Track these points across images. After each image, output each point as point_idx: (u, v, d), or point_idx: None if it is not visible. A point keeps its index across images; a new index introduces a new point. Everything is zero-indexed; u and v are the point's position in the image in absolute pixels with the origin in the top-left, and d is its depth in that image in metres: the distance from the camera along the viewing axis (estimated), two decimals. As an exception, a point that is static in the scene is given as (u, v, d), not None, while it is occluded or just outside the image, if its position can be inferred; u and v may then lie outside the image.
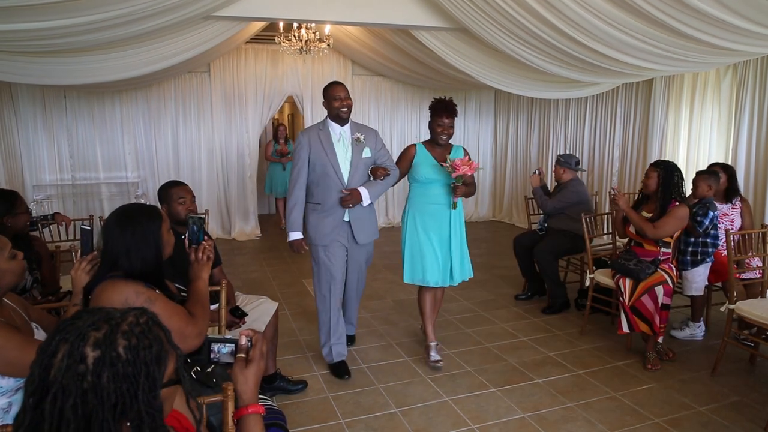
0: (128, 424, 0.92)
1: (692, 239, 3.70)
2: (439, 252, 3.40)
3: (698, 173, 3.78)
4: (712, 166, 4.05)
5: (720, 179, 3.82)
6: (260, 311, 2.97)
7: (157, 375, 0.94)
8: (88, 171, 7.15)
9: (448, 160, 3.28)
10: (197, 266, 1.96)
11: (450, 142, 3.49)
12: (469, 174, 3.31)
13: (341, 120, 3.22)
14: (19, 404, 1.57)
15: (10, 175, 6.27)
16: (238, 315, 2.71)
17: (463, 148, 3.52)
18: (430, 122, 3.43)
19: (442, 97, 3.42)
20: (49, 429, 0.86)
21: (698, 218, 3.62)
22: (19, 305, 1.81)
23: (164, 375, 0.97)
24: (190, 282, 1.96)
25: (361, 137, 3.26)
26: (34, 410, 0.87)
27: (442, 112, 3.34)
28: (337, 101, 3.17)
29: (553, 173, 4.79)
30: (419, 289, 3.57)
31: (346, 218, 3.28)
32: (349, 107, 3.22)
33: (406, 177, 3.54)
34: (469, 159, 3.35)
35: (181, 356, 1.04)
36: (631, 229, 3.58)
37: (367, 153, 3.28)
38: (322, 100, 3.27)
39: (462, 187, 3.34)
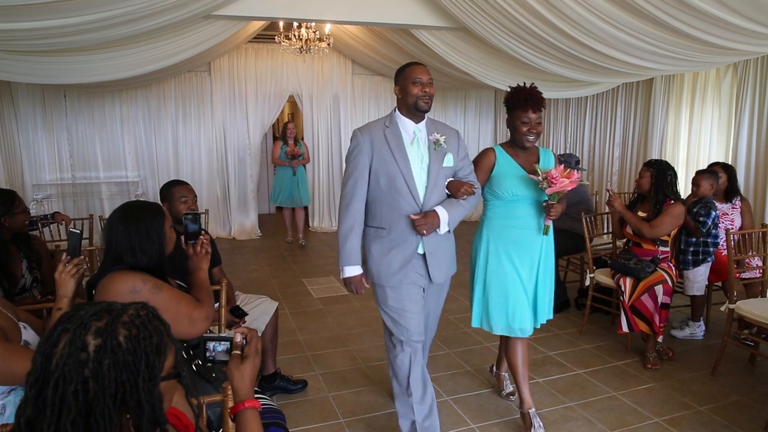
0: (127, 415, 0.93)
1: (693, 239, 3.70)
2: (529, 291, 2.67)
3: (698, 172, 3.78)
4: (712, 165, 4.05)
5: (720, 179, 3.82)
6: (260, 311, 2.97)
7: (157, 365, 0.96)
8: (88, 170, 7.15)
9: (539, 171, 2.51)
10: (196, 258, 2.01)
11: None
12: (569, 189, 2.52)
13: (418, 113, 2.37)
14: (13, 406, 1.57)
15: (10, 175, 6.27)
16: (238, 315, 2.71)
17: (553, 153, 2.75)
18: (508, 119, 2.62)
19: (522, 85, 2.59)
20: (50, 417, 0.87)
21: (701, 218, 3.62)
22: (5, 307, 1.76)
23: (164, 367, 0.98)
24: (190, 273, 2.00)
25: (441, 139, 2.38)
26: (35, 400, 0.88)
27: (527, 104, 2.52)
28: (417, 86, 2.31)
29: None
30: (507, 340, 2.80)
31: (421, 250, 2.41)
32: (431, 97, 2.36)
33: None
34: (565, 168, 2.51)
35: (180, 351, 1.05)
36: (629, 229, 3.58)
37: (449, 161, 2.42)
38: (395, 86, 2.43)
39: (557, 206, 2.54)
